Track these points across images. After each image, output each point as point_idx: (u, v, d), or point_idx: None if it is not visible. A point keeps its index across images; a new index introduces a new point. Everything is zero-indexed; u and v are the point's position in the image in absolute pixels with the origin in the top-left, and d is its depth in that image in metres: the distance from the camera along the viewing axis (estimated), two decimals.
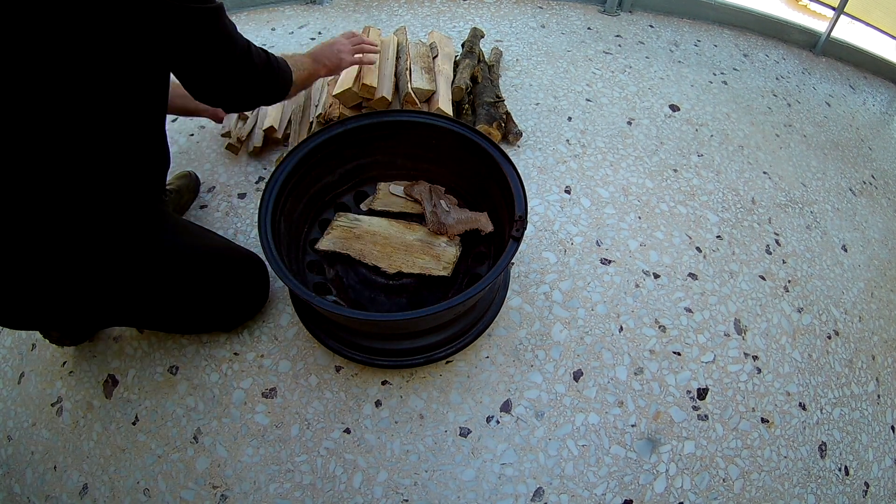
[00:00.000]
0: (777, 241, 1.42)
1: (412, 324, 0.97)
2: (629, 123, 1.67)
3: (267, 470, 1.00)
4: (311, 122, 1.47)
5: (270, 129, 1.47)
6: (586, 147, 1.56)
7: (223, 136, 1.49)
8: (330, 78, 1.59)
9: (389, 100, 1.38)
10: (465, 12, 2.13)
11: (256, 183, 1.44)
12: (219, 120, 1.41)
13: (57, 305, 0.86)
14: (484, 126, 1.44)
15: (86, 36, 0.66)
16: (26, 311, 0.85)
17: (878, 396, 1.20)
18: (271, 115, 1.49)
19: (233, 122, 1.52)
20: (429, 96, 1.48)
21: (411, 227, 1.15)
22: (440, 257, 1.10)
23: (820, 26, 2.23)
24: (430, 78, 1.50)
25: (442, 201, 1.18)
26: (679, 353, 1.16)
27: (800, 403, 1.14)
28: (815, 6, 2.94)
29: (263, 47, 0.92)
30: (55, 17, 0.64)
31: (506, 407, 1.07)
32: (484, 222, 1.13)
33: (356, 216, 1.16)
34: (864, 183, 1.69)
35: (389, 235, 1.12)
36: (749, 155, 1.65)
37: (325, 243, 1.10)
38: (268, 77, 0.90)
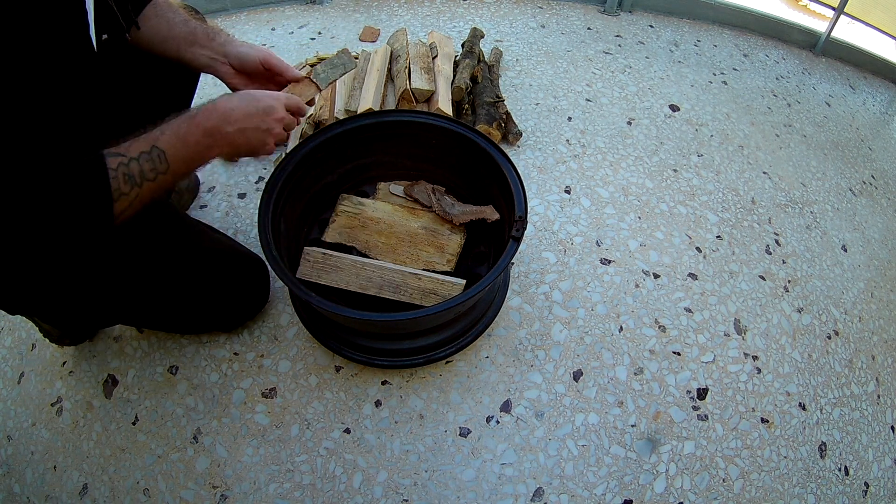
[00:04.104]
0: (777, 241, 1.42)
1: (412, 324, 0.97)
2: (629, 123, 1.67)
3: (267, 470, 1.00)
4: (302, 126, 1.46)
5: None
6: (586, 147, 1.56)
7: None
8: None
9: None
10: (465, 12, 2.13)
11: (256, 183, 1.44)
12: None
13: (59, 300, 0.86)
14: (484, 126, 1.44)
15: None
16: (26, 300, 0.85)
17: (878, 396, 1.20)
18: None
19: None
20: (428, 96, 1.48)
21: (416, 212, 1.15)
22: (444, 248, 1.10)
23: (820, 26, 2.23)
24: (429, 78, 1.50)
25: (444, 199, 1.18)
26: (679, 353, 1.16)
27: (800, 403, 1.14)
28: (815, 6, 2.93)
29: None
30: None
31: (506, 407, 1.07)
32: (489, 212, 1.12)
33: (360, 199, 1.15)
34: (864, 183, 1.69)
35: (394, 223, 1.12)
36: (749, 155, 1.65)
37: (331, 234, 1.10)
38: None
